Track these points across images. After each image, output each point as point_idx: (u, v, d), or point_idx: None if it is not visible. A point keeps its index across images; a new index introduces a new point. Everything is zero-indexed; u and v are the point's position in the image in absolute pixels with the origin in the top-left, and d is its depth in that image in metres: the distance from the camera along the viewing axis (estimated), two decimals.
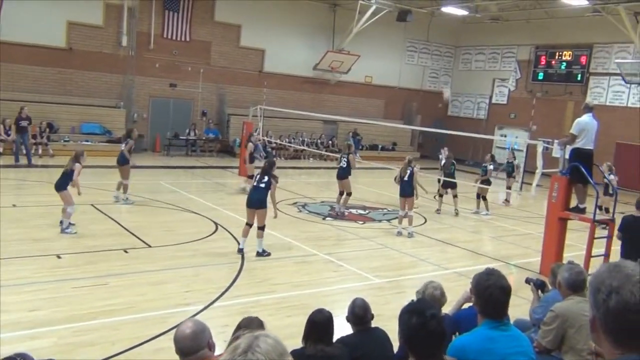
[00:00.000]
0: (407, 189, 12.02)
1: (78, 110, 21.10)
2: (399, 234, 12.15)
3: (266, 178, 9.58)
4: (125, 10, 21.55)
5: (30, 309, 6.68)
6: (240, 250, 9.67)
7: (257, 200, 9.53)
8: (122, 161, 13.02)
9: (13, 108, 18.77)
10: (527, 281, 5.74)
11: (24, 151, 17.75)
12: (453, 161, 15.51)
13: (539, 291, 5.56)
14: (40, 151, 18.92)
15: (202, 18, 23.51)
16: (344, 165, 13.71)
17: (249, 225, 9.68)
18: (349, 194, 13.68)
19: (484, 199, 15.39)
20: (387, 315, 5.73)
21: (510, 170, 17.66)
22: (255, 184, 9.71)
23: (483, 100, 30.14)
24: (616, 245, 8.62)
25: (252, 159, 15.40)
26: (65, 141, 20.01)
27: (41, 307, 6.78)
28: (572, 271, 4.58)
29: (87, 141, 20.20)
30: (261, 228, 9.64)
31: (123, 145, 13.28)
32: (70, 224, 10.15)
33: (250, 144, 15.51)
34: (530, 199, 17.22)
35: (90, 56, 21.36)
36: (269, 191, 9.59)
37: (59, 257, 8.72)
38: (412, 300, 3.19)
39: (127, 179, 13.05)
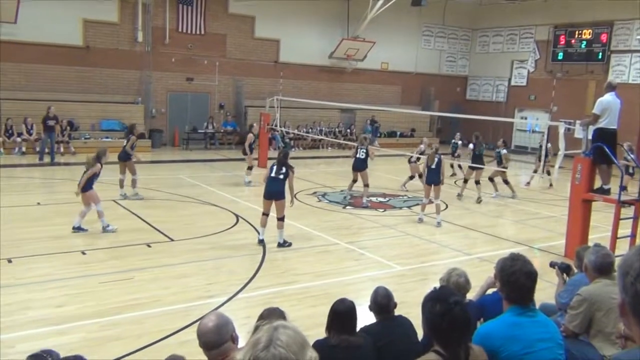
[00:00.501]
0: (435, 177, 11.88)
1: (97, 108, 21.32)
2: (421, 220, 12.08)
3: (284, 169, 9.58)
4: (140, 6, 21.64)
5: (57, 305, 6.79)
6: (261, 241, 9.71)
7: (276, 192, 9.53)
8: (124, 157, 13.03)
9: (33, 107, 19.06)
10: (552, 265, 5.66)
11: (46, 150, 18.00)
12: (483, 144, 15.52)
13: (564, 275, 5.48)
14: (62, 149, 19.16)
15: (216, 11, 23.50)
16: (362, 157, 13.50)
17: (266, 215, 9.70)
18: (367, 185, 13.55)
19: (492, 180, 15.39)
20: (410, 302, 5.70)
21: (541, 153, 17.40)
22: (273, 174, 9.62)
23: (502, 82, 29.74)
24: None
25: (251, 149, 15.50)
26: (86, 138, 20.24)
27: (68, 302, 6.88)
28: (599, 254, 4.50)
29: (107, 138, 20.38)
30: (281, 219, 9.65)
31: (125, 141, 13.33)
32: (108, 225, 10.10)
33: (250, 135, 15.58)
34: (553, 181, 16.98)
35: (107, 53, 21.52)
36: (287, 181, 9.60)
37: (83, 253, 8.84)
38: (435, 288, 3.15)
39: (135, 174, 13.09)
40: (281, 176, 9.56)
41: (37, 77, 20.39)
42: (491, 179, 15.40)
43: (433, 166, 11.88)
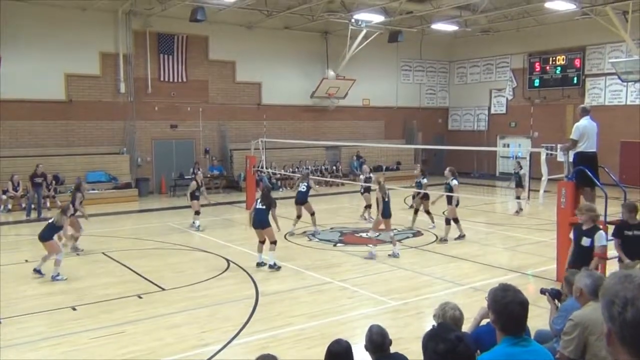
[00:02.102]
0: (389, 209, 12.15)
1: (82, 160, 21.31)
2: (394, 255, 12.00)
3: (266, 201, 11.11)
4: (121, 57, 21.92)
5: None
6: (259, 264, 10.95)
7: (260, 221, 10.96)
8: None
9: (19, 164, 18.99)
10: (543, 292, 5.68)
11: (33, 206, 17.91)
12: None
13: (556, 301, 5.51)
14: (48, 204, 19.03)
15: (197, 58, 23.84)
16: (304, 190, 14.57)
17: (262, 242, 11.07)
18: (313, 214, 14.46)
19: (428, 213, 15.13)
20: (407, 338, 5.69)
21: (517, 180, 17.66)
22: (257, 206, 11.10)
23: (482, 112, 30.25)
24: None
25: (195, 196, 15.43)
26: (71, 192, 20.10)
27: None
28: (593, 277, 4.55)
29: (94, 190, 20.30)
30: (273, 242, 10.96)
31: (74, 201, 12.84)
32: (58, 274, 10.39)
33: (193, 182, 15.64)
34: (540, 206, 17.11)
35: (90, 106, 21.65)
36: (270, 212, 11.05)
37: (74, 309, 8.71)
38: (433, 326, 3.15)
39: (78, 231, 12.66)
40: (264, 207, 11.01)
41: (21, 134, 20.43)
42: (427, 212, 15.12)
43: (387, 199, 11.93)
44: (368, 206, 16.05)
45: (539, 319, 6.87)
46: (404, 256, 12.11)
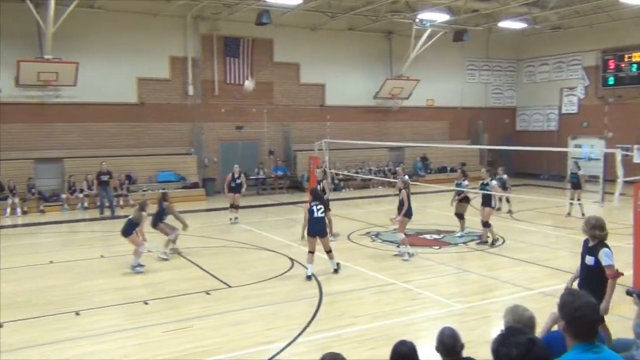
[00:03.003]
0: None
1: (153, 161, 22.14)
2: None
3: (322, 207, 10.54)
4: (190, 61, 22.62)
5: (123, 355, 6.96)
6: (309, 277, 10.24)
7: (320, 230, 10.44)
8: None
9: (93, 164, 19.92)
10: (629, 293, 5.41)
11: (107, 204, 18.72)
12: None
13: None
14: (121, 202, 19.89)
15: (262, 60, 24.28)
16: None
17: (312, 252, 10.40)
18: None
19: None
20: (474, 342, 5.58)
21: (575, 181, 16.83)
22: (317, 214, 10.42)
23: (552, 111, 29.22)
24: None
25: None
26: (143, 191, 20.94)
27: (133, 353, 7.05)
28: None
29: (164, 189, 20.96)
30: (329, 251, 10.57)
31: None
32: (140, 264, 10.97)
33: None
34: (614, 209, 16.35)
35: (160, 108, 22.46)
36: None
37: (146, 303, 9.07)
38: (502, 331, 3.06)
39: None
40: (322, 214, 10.48)
41: (95, 135, 21.43)
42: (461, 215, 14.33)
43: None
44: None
45: (612, 326, 6.58)
46: (469, 258, 11.87)
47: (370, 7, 22.24)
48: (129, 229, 11.06)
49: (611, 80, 26.02)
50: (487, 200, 13.19)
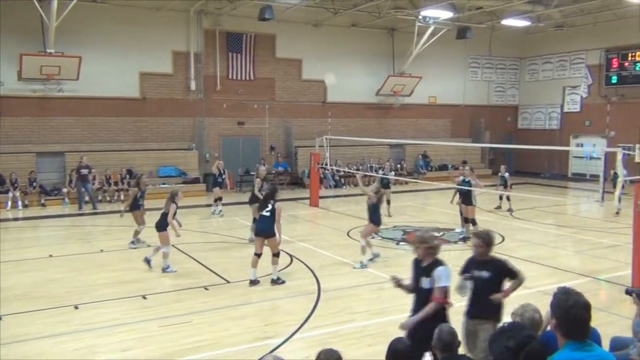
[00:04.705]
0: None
1: (154, 155, 22.15)
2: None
3: (270, 206, 9.73)
4: (192, 56, 22.61)
5: (123, 349, 7.00)
6: (252, 282, 9.69)
7: (266, 229, 9.69)
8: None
9: (94, 158, 19.94)
10: (629, 292, 5.42)
11: (86, 198, 18.73)
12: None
13: None
14: (122, 197, 19.91)
15: (264, 56, 24.26)
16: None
17: (258, 255, 9.77)
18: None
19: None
20: None
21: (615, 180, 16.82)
22: (262, 212, 9.77)
23: (554, 110, 29.17)
24: None
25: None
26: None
27: (133, 347, 7.09)
28: None
29: (164, 184, 21.04)
30: (276, 255, 9.85)
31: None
32: (169, 266, 10.64)
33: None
34: (615, 208, 16.38)
35: (162, 103, 22.47)
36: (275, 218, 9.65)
37: (144, 297, 9.09)
38: (504, 324, 3.06)
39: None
40: (267, 213, 9.69)
41: (97, 129, 21.45)
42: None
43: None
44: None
45: (611, 326, 6.60)
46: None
47: (373, 3, 22.20)
48: (164, 222, 10.58)
49: (614, 79, 25.96)
50: (468, 198, 13.18)
